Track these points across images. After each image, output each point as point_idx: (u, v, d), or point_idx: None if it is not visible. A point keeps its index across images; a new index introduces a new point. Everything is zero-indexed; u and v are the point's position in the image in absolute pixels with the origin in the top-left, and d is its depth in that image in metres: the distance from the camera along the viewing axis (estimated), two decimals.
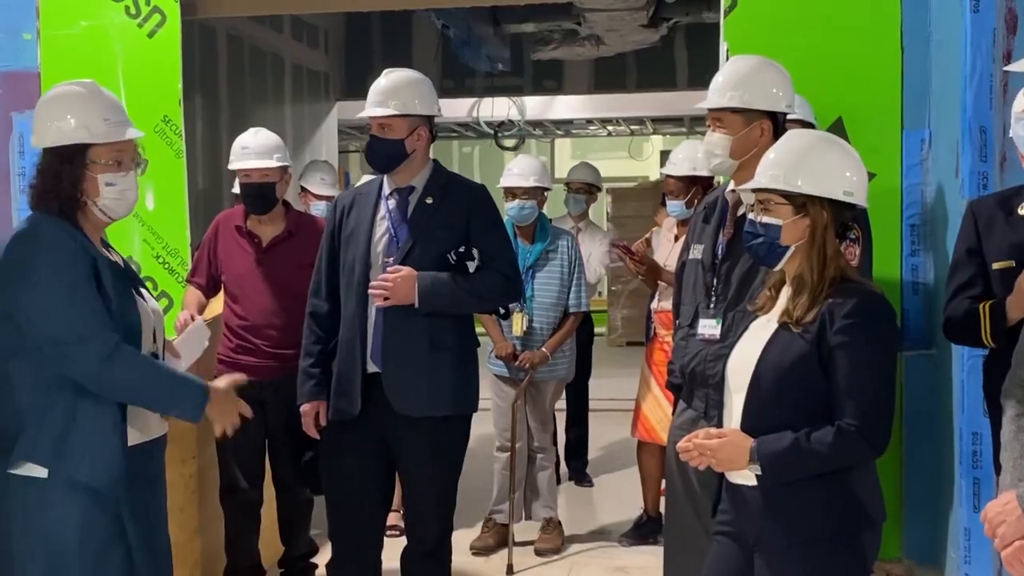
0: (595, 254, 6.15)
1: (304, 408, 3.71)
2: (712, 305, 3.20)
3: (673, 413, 3.49)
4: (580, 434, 6.57)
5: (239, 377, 3.01)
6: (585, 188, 6.37)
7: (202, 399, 2.81)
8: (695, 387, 3.26)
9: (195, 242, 4.98)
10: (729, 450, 2.60)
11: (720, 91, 3.20)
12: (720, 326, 3.16)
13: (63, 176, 2.75)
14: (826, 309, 2.56)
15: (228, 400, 2.89)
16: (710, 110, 3.23)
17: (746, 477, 2.63)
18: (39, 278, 2.67)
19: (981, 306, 3.10)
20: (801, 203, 2.61)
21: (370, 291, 3.52)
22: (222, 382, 2.92)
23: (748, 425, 2.62)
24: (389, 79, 3.62)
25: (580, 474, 6.52)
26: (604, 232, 6.42)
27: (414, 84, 3.63)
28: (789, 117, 3.44)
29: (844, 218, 2.65)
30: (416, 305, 3.50)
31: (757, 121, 3.16)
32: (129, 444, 2.78)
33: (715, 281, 3.21)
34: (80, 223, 2.79)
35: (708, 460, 2.63)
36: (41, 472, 2.70)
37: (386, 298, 3.50)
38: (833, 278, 2.60)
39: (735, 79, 3.20)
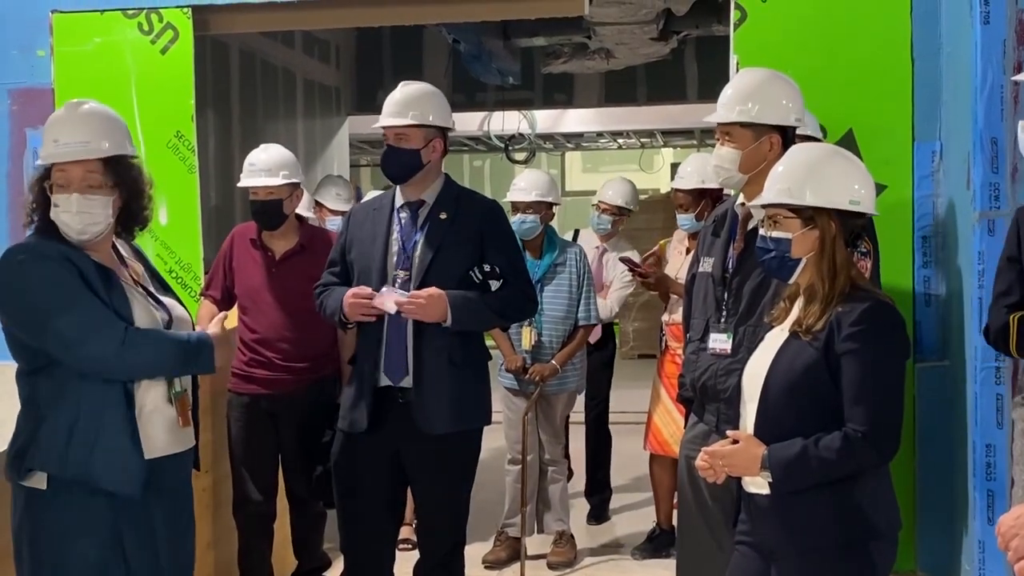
0: (615, 284, 5.70)
1: (348, 298, 3.54)
2: (723, 319, 3.19)
3: (685, 426, 3.49)
4: (602, 475, 6.06)
5: (221, 315, 3.12)
6: (613, 210, 5.81)
7: (211, 350, 2.90)
8: (706, 401, 3.25)
9: (208, 257, 5.00)
10: (742, 457, 2.63)
11: (729, 105, 3.20)
12: (731, 341, 3.16)
13: (33, 194, 2.87)
14: (835, 317, 2.58)
15: (226, 337, 2.98)
16: (719, 124, 3.23)
17: (760, 486, 2.65)
18: (35, 294, 2.73)
19: (1011, 317, 3.09)
20: (809, 215, 2.63)
21: (403, 309, 3.47)
22: (214, 327, 2.98)
23: (761, 433, 2.65)
24: (405, 91, 3.65)
25: (599, 510, 6.03)
26: (631, 245, 5.87)
27: (430, 96, 3.66)
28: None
29: (853, 227, 2.67)
30: (448, 324, 3.50)
31: (766, 135, 3.15)
32: (146, 457, 2.81)
33: (726, 295, 3.20)
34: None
35: (723, 471, 2.65)
36: (40, 484, 2.76)
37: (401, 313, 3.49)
38: (843, 287, 2.61)
39: (744, 93, 3.19)
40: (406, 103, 3.61)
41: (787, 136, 3.18)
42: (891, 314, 2.62)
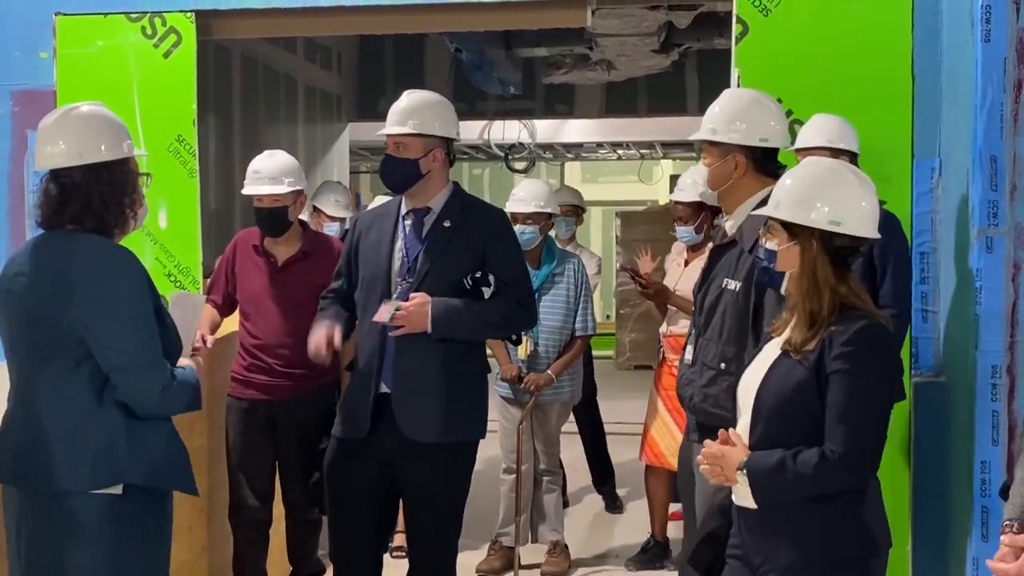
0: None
1: (319, 331, 3.61)
2: (692, 331, 3.38)
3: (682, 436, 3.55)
4: (600, 457, 6.46)
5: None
6: (572, 211, 6.34)
7: (198, 386, 2.93)
8: (683, 408, 3.45)
9: (207, 261, 5.01)
10: (730, 459, 2.66)
11: (704, 124, 3.32)
12: (693, 351, 3.32)
13: (125, 187, 2.83)
14: (827, 336, 2.59)
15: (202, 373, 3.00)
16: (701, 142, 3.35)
17: (751, 499, 2.65)
18: (116, 303, 2.71)
19: None
20: (793, 231, 2.64)
21: (375, 319, 3.52)
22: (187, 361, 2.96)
23: (752, 448, 2.66)
24: (409, 99, 3.63)
25: (611, 498, 6.45)
26: (591, 254, 6.42)
27: (433, 105, 3.64)
28: (821, 146, 3.55)
29: (840, 249, 2.63)
30: (429, 331, 3.49)
31: (731, 154, 3.24)
32: None
33: (699, 313, 3.36)
34: (113, 239, 2.85)
35: (715, 470, 2.67)
36: (116, 489, 2.75)
37: (400, 326, 3.49)
38: (831, 306, 2.61)
39: (715, 113, 3.30)
40: (408, 111, 3.60)
41: (756, 157, 3.23)
42: (883, 336, 2.61)
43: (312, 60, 8.88)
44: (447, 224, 3.59)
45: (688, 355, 3.36)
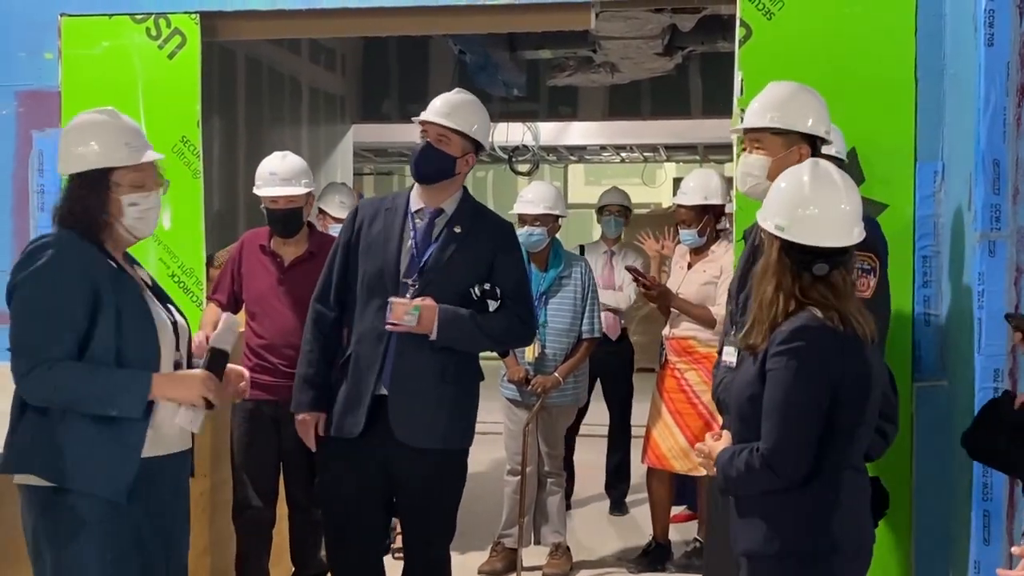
0: (627, 280, 6.09)
1: (304, 417, 3.63)
2: (732, 333, 3.22)
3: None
4: (621, 460, 6.53)
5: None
6: (621, 210, 6.49)
7: (143, 392, 2.80)
8: (722, 413, 3.29)
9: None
10: (711, 456, 2.75)
11: (760, 112, 3.20)
12: (736, 354, 3.17)
13: (87, 201, 2.86)
14: (774, 334, 2.62)
15: (175, 380, 2.88)
16: (747, 131, 3.23)
17: None
18: (27, 287, 2.78)
19: None
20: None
21: (391, 319, 3.47)
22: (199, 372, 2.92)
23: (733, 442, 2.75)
24: (460, 96, 3.63)
25: (618, 502, 6.51)
26: (638, 253, 6.43)
27: (481, 112, 3.64)
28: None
29: (802, 255, 2.64)
30: (433, 338, 3.48)
31: (796, 145, 3.15)
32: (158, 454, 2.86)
33: (737, 310, 3.24)
34: (104, 241, 2.88)
35: (709, 464, 2.76)
36: (30, 480, 2.79)
37: (395, 324, 3.47)
38: (784, 307, 2.63)
39: (775, 101, 3.20)
40: (458, 107, 3.58)
41: (816, 148, 3.18)
42: (818, 337, 2.59)
43: (316, 62, 8.89)
44: (457, 229, 3.58)
45: (728, 356, 3.20)
